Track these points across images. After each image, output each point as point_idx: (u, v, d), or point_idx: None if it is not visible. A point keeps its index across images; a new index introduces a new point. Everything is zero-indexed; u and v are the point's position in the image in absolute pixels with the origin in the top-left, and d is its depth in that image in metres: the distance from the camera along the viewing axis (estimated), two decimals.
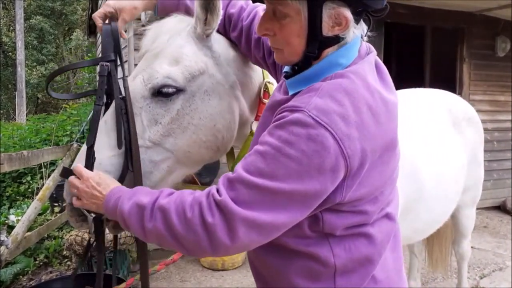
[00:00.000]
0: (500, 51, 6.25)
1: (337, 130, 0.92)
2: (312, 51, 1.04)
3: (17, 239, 3.23)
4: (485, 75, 6.32)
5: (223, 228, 0.95)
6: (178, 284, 3.95)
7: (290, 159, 0.92)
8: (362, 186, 1.01)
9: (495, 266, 4.40)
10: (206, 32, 1.29)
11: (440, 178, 2.29)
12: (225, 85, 1.32)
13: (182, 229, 0.97)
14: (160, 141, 1.24)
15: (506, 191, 6.48)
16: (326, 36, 1.02)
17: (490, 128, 6.13)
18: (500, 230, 5.62)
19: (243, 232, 0.95)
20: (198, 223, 0.96)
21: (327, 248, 1.06)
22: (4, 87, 18.56)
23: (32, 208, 3.58)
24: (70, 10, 19.81)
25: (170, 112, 1.24)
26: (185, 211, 0.97)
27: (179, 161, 1.28)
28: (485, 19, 5.93)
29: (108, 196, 1.08)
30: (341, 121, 0.93)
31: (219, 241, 0.96)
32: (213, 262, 4.25)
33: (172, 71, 1.24)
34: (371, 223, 1.09)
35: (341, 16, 1.00)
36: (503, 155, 6.45)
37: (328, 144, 0.91)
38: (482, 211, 6.17)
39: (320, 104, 0.94)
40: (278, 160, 0.93)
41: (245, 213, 0.93)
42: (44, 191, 3.80)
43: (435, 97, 2.74)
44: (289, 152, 0.92)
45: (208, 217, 0.95)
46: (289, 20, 1.02)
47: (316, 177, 0.93)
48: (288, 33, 1.03)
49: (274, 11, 1.04)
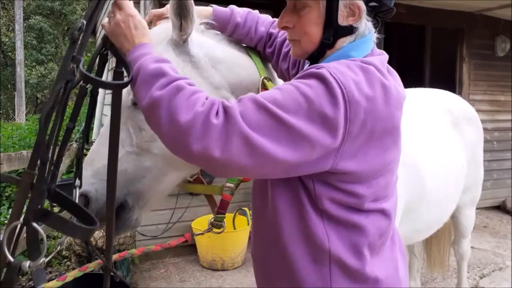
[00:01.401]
0: (500, 51, 6.25)
1: (349, 93, 0.97)
2: (327, 38, 1.12)
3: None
4: (485, 75, 6.31)
5: (220, 133, 0.93)
6: (178, 284, 3.94)
7: (304, 97, 0.96)
8: (355, 159, 1.03)
9: (495, 266, 4.39)
10: (181, 38, 1.30)
11: (441, 178, 2.29)
12: (208, 87, 1.32)
13: (183, 114, 0.94)
14: (147, 147, 1.26)
15: (506, 191, 6.48)
16: (341, 25, 1.11)
17: (490, 128, 6.13)
18: (500, 230, 5.62)
19: (236, 146, 0.93)
20: (201, 119, 0.93)
21: (323, 230, 1.09)
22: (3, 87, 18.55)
23: None
24: (69, 10, 19.81)
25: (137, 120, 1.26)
26: (197, 101, 0.96)
27: (170, 164, 1.29)
28: (485, 19, 5.93)
29: (138, 46, 1.07)
30: (354, 86, 0.99)
31: (209, 143, 0.93)
32: (213, 263, 4.25)
33: None
34: (364, 212, 1.11)
35: (355, 6, 1.10)
36: (503, 155, 6.45)
37: (339, 102, 0.96)
38: (482, 211, 6.17)
39: (339, 67, 1.01)
40: (293, 95, 0.97)
41: (246, 129, 0.93)
42: None
43: (435, 97, 2.73)
44: (305, 91, 0.97)
45: (213, 118, 0.94)
46: (308, 10, 1.12)
47: (319, 125, 0.96)
48: (306, 22, 1.12)
49: (294, 5, 1.14)
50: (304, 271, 1.11)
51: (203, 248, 4.30)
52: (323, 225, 1.09)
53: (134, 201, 1.28)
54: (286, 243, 1.12)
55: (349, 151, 1.01)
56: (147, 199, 1.31)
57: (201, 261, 4.35)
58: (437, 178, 2.24)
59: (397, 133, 1.11)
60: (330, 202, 1.08)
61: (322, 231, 1.09)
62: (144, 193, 1.29)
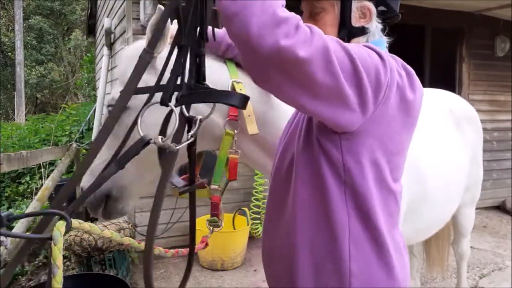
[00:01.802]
0: (500, 51, 6.25)
1: (388, 63, 1.08)
2: (342, 38, 1.19)
3: (16, 240, 3.23)
4: (485, 75, 6.32)
5: (309, 37, 0.93)
6: (178, 284, 3.91)
7: (361, 49, 1.05)
8: (382, 125, 1.10)
9: (494, 266, 4.40)
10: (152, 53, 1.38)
11: (443, 178, 2.29)
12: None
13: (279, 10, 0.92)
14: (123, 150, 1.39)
15: (505, 191, 6.48)
16: (354, 26, 1.23)
17: (490, 128, 6.14)
18: (500, 230, 5.63)
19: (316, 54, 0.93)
20: (296, 21, 0.93)
21: (344, 207, 1.12)
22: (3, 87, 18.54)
23: (31, 208, 3.57)
24: (69, 10, 19.78)
25: (121, 126, 1.43)
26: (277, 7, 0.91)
27: (145, 163, 1.41)
28: (484, 19, 5.93)
29: None
30: (391, 59, 1.11)
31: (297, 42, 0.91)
32: (213, 262, 4.25)
33: (115, 93, 1.48)
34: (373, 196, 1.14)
35: (366, 8, 1.22)
36: (502, 155, 6.46)
37: (385, 65, 1.06)
38: (481, 211, 6.17)
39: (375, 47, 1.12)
40: (361, 51, 1.05)
41: (328, 44, 0.96)
42: (43, 192, 3.79)
43: (436, 97, 2.73)
44: (371, 55, 1.06)
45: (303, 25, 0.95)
46: (324, 14, 1.22)
47: (372, 83, 1.03)
48: (322, 25, 1.19)
49: (311, 12, 1.25)
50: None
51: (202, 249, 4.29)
52: (346, 205, 1.12)
53: (119, 193, 1.51)
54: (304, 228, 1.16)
55: (379, 116, 1.09)
56: (129, 191, 1.53)
57: (201, 261, 4.35)
58: (439, 178, 2.24)
59: (413, 125, 1.22)
60: (356, 155, 1.11)
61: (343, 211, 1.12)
62: (127, 186, 1.51)
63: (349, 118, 1.05)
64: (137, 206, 4.31)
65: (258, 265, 4.36)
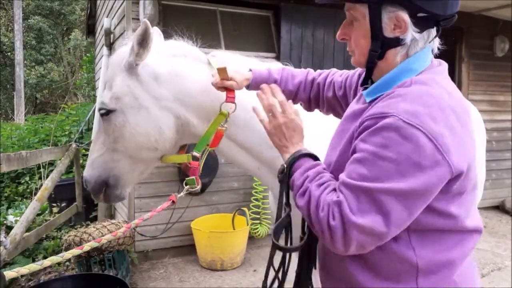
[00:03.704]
0: (499, 51, 6.26)
1: (429, 129, 0.98)
2: (374, 49, 1.16)
3: (15, 240, 3.23)
4: (484, 75, 6.33)
5: (340, 233, 1.03)
6: (177, 284, 3.94)
7: (388, 161, 0.99)
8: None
9: (494, 265, 4.41)
10: (136, 62, 1.60)
11: None
12: (150, 99, 1.64)
13: (315, 222, 1.09)
14: (114, 147, 1.69)
15: (505, 191, 6.49)
16: (388, 37, 1.15)
17: (489, 128, 6.14)
18: (499, 230, 5.63)
19: (356, 237, 1.02)
20: (325, 223, 1.05)
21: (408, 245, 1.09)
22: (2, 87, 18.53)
23: (30, 208, 3.57)
24: (68, 10, 19.77)
25: (111, 125, 1.65)
26: (318, 209, 1.08)
27: (133, 157, 1.70)
28: (484, 19, 5.94)
29: (291, 155, 1.26)
30: (430, 120, 0.99)
31: (336, 243, 1.04)
32: (212, 262, 4.25)
33: (105, 97, 1.67)
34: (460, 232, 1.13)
35: (400, 19, 1.12)
36: (502, 155, 6.47)
37: (422, 143, 0.97)
38: (481, 211, 6.17)
39: (409, 108, 1.01)
40: (377, 163, 1.00)
41: (357, 220, 1.00)
42: (42, 192, 3.79)
43: None
44: (386, 155, 0.99)
45: (331, 221, 1.04)
46: (358, 24, 1.18)
47: (417, 175, 0.98)
48: (357, 35, 1.19)
49: (350, 19, 1.20)
50: None
51: (202, 249, 4.30)
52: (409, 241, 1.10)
53: (115, 181, 1.74)
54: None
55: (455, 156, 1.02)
56: (125, 180, 1.75)
57: (200, 261, 4.35)
58: None
59: (472, 144, 1.14)
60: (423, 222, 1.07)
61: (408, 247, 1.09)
62: (121, 176, 1.73)
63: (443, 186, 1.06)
64: (137, 206, 4.31)
65: (258, 265, 4.36)
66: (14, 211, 5.17)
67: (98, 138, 1.75)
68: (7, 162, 3.08)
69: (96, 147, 1.75)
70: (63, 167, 4.33)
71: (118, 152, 1.70)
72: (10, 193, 6.20)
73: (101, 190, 1.77)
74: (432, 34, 1.17)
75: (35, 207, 3.60)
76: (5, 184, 6.43)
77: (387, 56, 1.17)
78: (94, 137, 1.80)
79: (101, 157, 1.73)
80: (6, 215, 5.01)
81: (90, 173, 1.75)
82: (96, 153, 1.74)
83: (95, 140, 1.77)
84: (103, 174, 1.73)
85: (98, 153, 1.73)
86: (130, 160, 1.72)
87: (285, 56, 4.88)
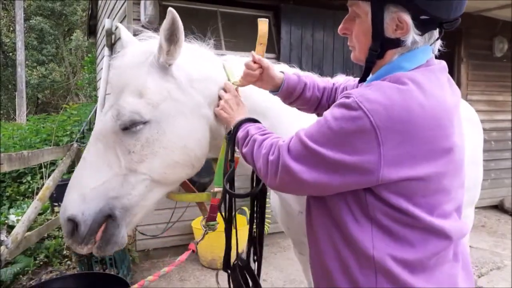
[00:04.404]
0: (498, 51, 6.27)
1: (376, 118, 1.01)
2: (374, 48, 1.16)
3: (17, 239, 3.25)
4: (483, 75, 6.34)
5: (274, 166, 1.17)
6: (178, 283, 3.97)
7: (331, 130, 1.07)
8: (402, 169, 1.04)
9: (493, 265, 4.42)
10: (168, 62, 1.39)
11: None
12: (190, 106, 1.42)
13: (256, 159, 1.25)
14: (135, 168, 1.35)
15: (504, 191, 6.51)
16: (389, 37, 1.14)
17: (488, 128, 6.16)
18: (498, 229, 5.64)
19: (282, 175, 1.15)
20: (264, 159, 1.22)
21: (369, 238, 1.10)
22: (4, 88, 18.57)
23: (32, 208, 3.59)
24: (70, 11, 19.82)
25: (140, 141, 1.34)
26: (261, 148, 1.24)
27: (156, 181, 1.39)
28: (483, 19, 5.95)
29: (235, 121, 1.41)
30: (383, 111, 1.02)
31: (268, 175, 1.20)
32: (213, 262, 4.28)
33: (137, 106, 1.34)
34: (418, 229, 1.11)
35: (402, 20, 1.11)
36: (500, 155, 6.48)
37: (364, 128, 1.02)
38: (480, 210, 6.19)
39: (369, 94, 1.05)
40: (322, 128, 1.09)
41: (288, 160, 1.13)
42: (44, 191, 3.82)
43: None
44: (331, 125, 1.07)
45: (270, 156, 1.19)
46: (360, 21, 1.18)
47: (349, 152, 1.04)
48: (358, 32, 1.19)
49: (353, 15, 1.20)
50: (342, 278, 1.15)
51: (202, 248, 4.32)
52: (371, 232, 1.10)
53: (122, 215, 1.35)
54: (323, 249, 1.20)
55: (392, 163, 1.02)
56: (134, 214, 1.39)
57: (201, 261, 4.38)
58: None
59: (451, 148, 1.10)
60: (382, 215, 1.09)
61: (368, 238, 1.09)
62: (131, 208, 1.37)
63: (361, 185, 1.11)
64: None
65: None
66: (15, 211, 5.20)
67: (100, 161, 1.35)
68: (8, 162, 3.11)
69: (96, 173, 1.33)
70: (65, 166, 4.36)
71: (136, 175, 1.35)
72: (11, 192, 6.22)
73: (98, 229, 1.34)
74: (434, 36, 1.17)
75: (37, 206, 3.62)
76: (6, 183, 6.46)
77: (386, 56, 1.17)
78: (88, 161, 1.36)
79: (105, 185, 1.32)
80: (7, 214, 5.04)
81: (83, 209, 1.30)
82: (95, 181, 1.32)
83: (91, 164, 1.35)
84: (105, 206, 1.32)
85: (100, 180, 1.32)
86: (149, 185, 1.38)
87: (285, 57, 4.90)
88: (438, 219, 1.10)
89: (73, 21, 20.17)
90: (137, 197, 1.37)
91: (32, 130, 8.28)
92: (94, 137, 1.40)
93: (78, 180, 1.34)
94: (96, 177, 1.33)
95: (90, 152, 1.38)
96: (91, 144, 1.39)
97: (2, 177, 6.43)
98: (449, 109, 1.10)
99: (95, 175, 1.33)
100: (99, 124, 1.41)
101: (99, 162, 1.35)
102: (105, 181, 1.32)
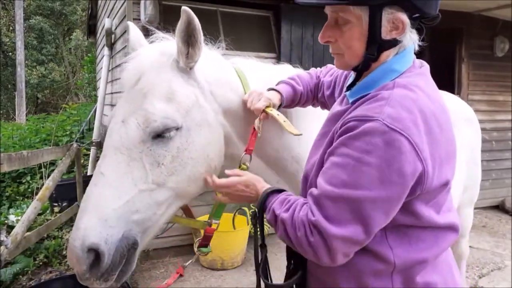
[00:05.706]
0: (499, 51, 6.26)
1: (412, 135, 0.97)
2: (371, 53, 1.12)
3: (16, 239, 3.24)
4: (484, 75, 6.33)
5: (323, 248, 1.02)
6: (178, 283, 3.95)
7: (370, 167, 0.96)
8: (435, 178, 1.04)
9: (493, 265, 4.41)
10: (189, 65, 1.31)
11: None
12: (212, 113, 1.35)
13: (297, 245, 1.09)
14: (164, 181, 1.22)
15: (504, 191, 6.50)
16: (385, 39, 1.11)
17: (489, 128, 6.15)
18: (499, 229, 5.63)
19: (341, 248, 1.02)
20: (305, 242, 1.05)
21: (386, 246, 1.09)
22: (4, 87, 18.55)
23: (31, 208, 3.58)
24: (69, 10, 19.80)
25: (170, 151, 1.23)
26: (296, 230, 1.07)
27: (179, 196, 1.29)
28: (483, 19, 5.95)
29: (258, 200, 1.23)
30: (413, 126, 0.98)
31: (321, 258, 1.04)
32: (213, 262, 4.27)
33: (168, 111, 1.23)
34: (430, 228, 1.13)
35: (398, 20, 1.09)
36: (501, 155, 6.47)
37: (405, 149, 0.96)
38: (480, 210, 6.18)
39: (392, 112, 0.99)
40: (359, 169, 0.98)
41: (339, 232, 0.99)
42: (44, 191, 3.81)
43: None
44: (369, 161, 0.97)
45: (310, 237, 1.04)
46: (350, 26, 1.11)
47: (399, 181, 0.97)
48: (349, 38, 1.12)
49: (336, 20, 1.14)
50: None
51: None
52: (386, 238, 1.09)
53: (141, 239, 1.23)
54: None
55: (432, 174, 1.02)
56: (148, 234, 1.26)
57: (201, 261, 4.37)
58: None
59: (454, 152, 1.13)
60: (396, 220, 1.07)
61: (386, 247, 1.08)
62: (150, 229, 1.25)
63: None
64: None
65: None
66: (15, 211, 5.19)
67: (122, 177, 1.17)
68: (8, 162, 3.10)
69: (117, 191, 1.15)
70: (64, 166, 4.35)
71: (164, 190, 1.23)
72: (11, 192, 6.21)
73: (120, 264, 1.16)
74: (416, 33, 1.17)
75: (36, 206, 3.61)
76: (6, 183, 6.45)
77: (380, 57, 1.15)
78: (108, 177, 1.17)
79: (128, 205, 1.15)
80: (7, 214, 5.03)
81: (105, 236, 1.11)
82: (117, 201, 1.14)
83: (111, 181, 1.16)
84: (127, 232, 1.16)
85: (123, 199, 1.15)
86: (172, 201, 1.28)
87: (285, 57, 4.90)
88: (445, 214, 1.14)
89: (73, 20, 20.15)
90: (159, 217, 1.25)
91: (32, 130, 8.28)
92: (112, 150, 1.21)
93: (96, 200, 1.14)
94: (118, 195, 1.15)
95: (108, 166, 1.18)
96: (109, 157, 1.20)
97: (2, 177, 6.42)
98: (447, 111, 1.14)
99: (116, 193, 1.15)
100: (118, 135, 1.23)
101: (121, 178, 1.17)
102: (128, 200, 1.15)
